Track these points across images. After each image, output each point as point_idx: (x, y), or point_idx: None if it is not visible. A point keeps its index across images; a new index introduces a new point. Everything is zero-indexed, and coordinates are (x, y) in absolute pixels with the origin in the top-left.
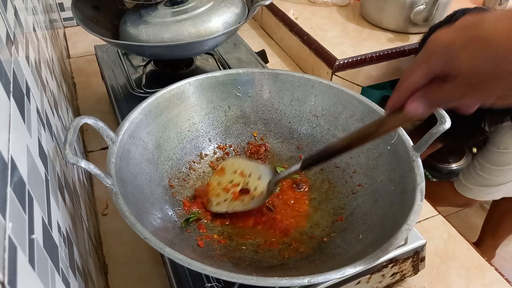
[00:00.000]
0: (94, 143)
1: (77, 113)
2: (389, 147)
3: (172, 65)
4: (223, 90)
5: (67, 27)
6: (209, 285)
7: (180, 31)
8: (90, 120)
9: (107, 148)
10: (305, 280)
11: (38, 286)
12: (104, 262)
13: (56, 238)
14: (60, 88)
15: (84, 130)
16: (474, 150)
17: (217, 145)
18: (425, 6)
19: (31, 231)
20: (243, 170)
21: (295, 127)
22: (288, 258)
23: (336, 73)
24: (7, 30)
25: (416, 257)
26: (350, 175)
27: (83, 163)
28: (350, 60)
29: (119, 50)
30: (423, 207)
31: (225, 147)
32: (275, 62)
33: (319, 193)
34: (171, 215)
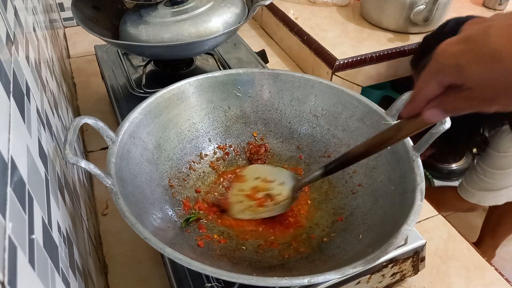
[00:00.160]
0: (94, 143)
1: (77, 113)
2: (389, 147)
3: (172, 65)
4: (223, 90)
5: (67, 27)
6: (209, 285)
7: (180, 31)
8: (90, 120)
9: (107, 148)
10: (305, 280)
11: (38, 286)
12: (104, 262)
13: (56, 238)
14: (60, 88)
15: (84, 130)
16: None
17: (217, 145)
18: (425, 6)
19: (31, 231)
20: (266, 177)
21: (295, 127)
22: (288, 258)
23: (336, 73)
24: (7, 30)
25: (416, 257)
26: (350, 175)
27: (83, 163)
28: (350, 60)
29: (119, 50)
30: (423, 207)
31: (225, 147)
32: (275, 62)
33: (319, 193)
34: (171, 215)
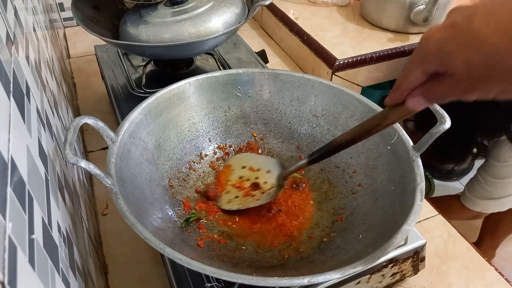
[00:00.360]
0: (94, 143)
1: (77, 113)
2: (389, 147)
3: (172, 65)
4: (223, 90)
5: (67, 27)
6: (209, 285)
7: (180, 31)
8: (90, 120)
9: (107, 148)
10: (305, 280)
11: (38, 286)
12: (104, 262)
13: (56, 238)
14: (60, 88)
15: (84, 130)
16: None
17: (217, 145)
18: (425, 6)
19: (31, 231)
20: (252, 165)
21: (295, 127)
22: (288, 258)
23: (336, 73)
24: (7, 30)
25: (416, 257)
26: (350, 175)
27: (83, 163)
28: (350, 60)
29: (119, 50)
30: (423, 207)
31: (225, 147)
32: (275, 62)
33: (319, 193)
34: (171, 215)
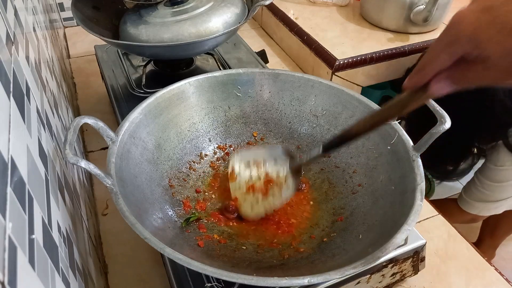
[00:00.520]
0: (94, 143)
1: (77, 113)
2: (389, 147)
3: (172, 65)
4: (223, 90)
5: (67, 27)
6: (209, 285)
7: (180, 31)
8: (90, 120)
9: (107, 148)
10: (305, 280)
11: (38, 286)
12: (104, 262)
13: (56, 238)
14: (60, 88)
15: (84, 130)
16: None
17: (217, 145)
18: (425, 6)
19: (31, 231)
20: (256, 159)
21: (295, 127)
22: (288, 258)
23: (336, 73)
24: (7, 30)
25: (416, 257)
26: (350, 175)
27: (83, 163)
28: (350, 60)
29: (119, 50)
30: (423, 207)
31: (225, 147)
32: (275, 62)
33: (319, 193)
34: (171, 215)
